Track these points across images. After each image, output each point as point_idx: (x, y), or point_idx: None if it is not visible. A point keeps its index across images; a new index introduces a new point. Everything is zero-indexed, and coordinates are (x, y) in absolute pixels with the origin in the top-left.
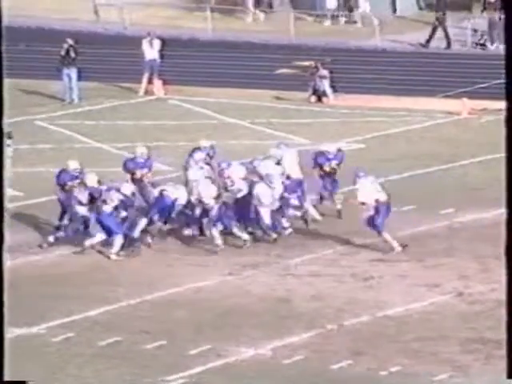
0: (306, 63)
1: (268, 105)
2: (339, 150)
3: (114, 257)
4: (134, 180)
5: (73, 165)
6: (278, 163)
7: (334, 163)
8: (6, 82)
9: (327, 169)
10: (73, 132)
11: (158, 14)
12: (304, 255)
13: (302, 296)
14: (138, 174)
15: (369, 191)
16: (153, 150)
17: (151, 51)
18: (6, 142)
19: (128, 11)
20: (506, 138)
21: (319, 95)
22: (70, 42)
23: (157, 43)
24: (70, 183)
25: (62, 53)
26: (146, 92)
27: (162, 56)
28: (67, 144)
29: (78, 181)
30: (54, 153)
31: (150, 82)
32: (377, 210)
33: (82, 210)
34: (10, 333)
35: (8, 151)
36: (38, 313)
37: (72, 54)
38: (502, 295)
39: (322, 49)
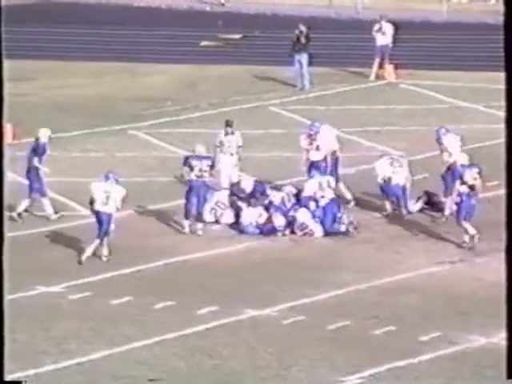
0: None
1: (503, 88)
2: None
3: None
4: None
5: None
6: None
7: None
8: (244, 68)
9: None
10: (303, 117)
11: None
12: None
13: None
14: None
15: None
16: (383, 135)
17: (382, 36)
18: (228, 130)
19: None
20: (505, 139)
21: None
22: (302, 28)
23: (388, 28)
24: None
25: (294, 39)
26: (377, 77)
27: (394, 41)
28: (297, 129)
29: None
30: (286, 138)
31: (381, 66)
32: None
33: None
34: (245, 314)
35: (231, 140)
36: (269, 295)
37: (302, 40)
38: None
39: None
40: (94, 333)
